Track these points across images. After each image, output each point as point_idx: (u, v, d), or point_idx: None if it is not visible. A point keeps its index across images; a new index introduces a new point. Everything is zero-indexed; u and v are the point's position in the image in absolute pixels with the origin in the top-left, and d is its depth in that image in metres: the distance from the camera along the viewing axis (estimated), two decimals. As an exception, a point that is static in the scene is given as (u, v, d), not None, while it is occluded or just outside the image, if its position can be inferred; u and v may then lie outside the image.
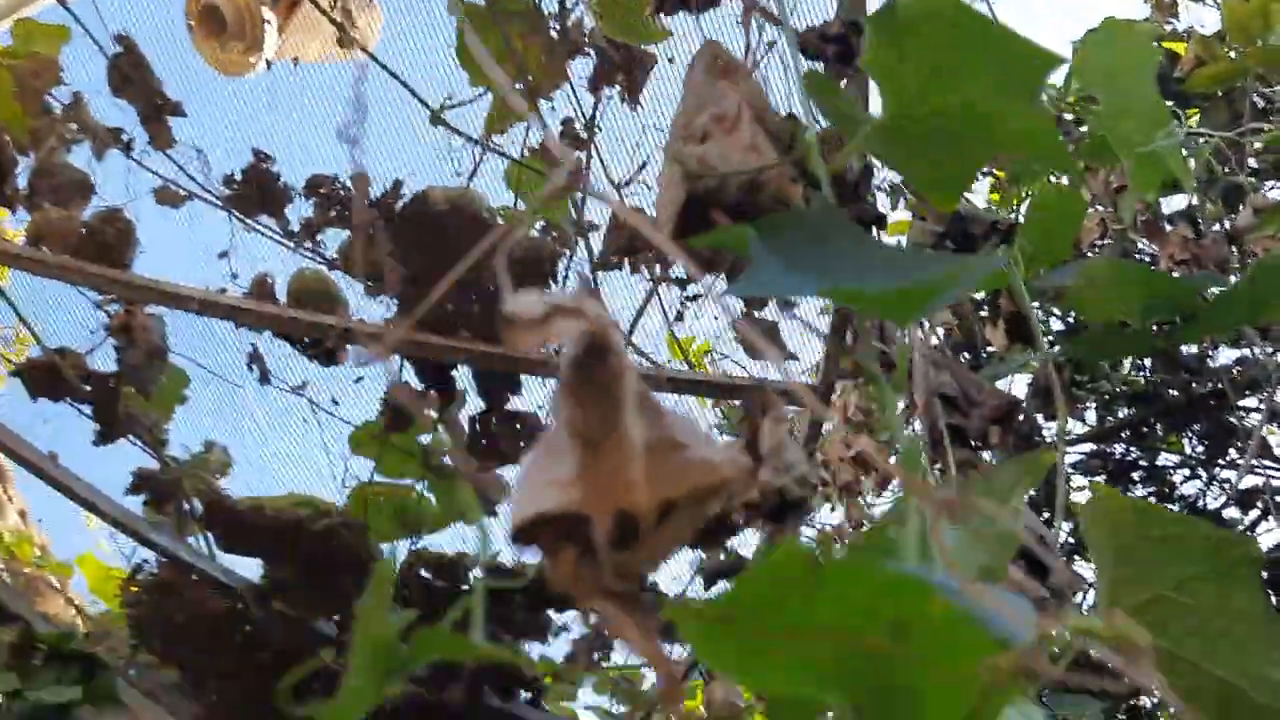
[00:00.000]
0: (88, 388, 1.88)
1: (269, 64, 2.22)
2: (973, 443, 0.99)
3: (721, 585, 2.03)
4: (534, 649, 2.33)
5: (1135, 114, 1.18)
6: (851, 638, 0.38)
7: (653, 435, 0.37)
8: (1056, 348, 2.34)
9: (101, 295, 1.81)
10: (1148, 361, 3.47)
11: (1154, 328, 1.55)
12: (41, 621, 2.34)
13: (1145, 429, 3.85)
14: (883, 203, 2.85)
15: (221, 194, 1.72)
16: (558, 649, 2.38)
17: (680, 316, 1.81)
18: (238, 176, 1.70)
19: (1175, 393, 3.56)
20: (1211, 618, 1.11)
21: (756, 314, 1.80)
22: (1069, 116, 2.37)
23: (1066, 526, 2.53)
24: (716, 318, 1.82)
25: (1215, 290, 1.51)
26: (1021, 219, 1.60)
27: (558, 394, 0.38)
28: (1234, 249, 2.19)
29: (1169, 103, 2.76)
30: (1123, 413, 3.80)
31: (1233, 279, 1.70)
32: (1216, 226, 2.26)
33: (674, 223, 0.71)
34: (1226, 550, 1.08)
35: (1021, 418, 3.69)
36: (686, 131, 0.76)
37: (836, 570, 0.37)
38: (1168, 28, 2.69)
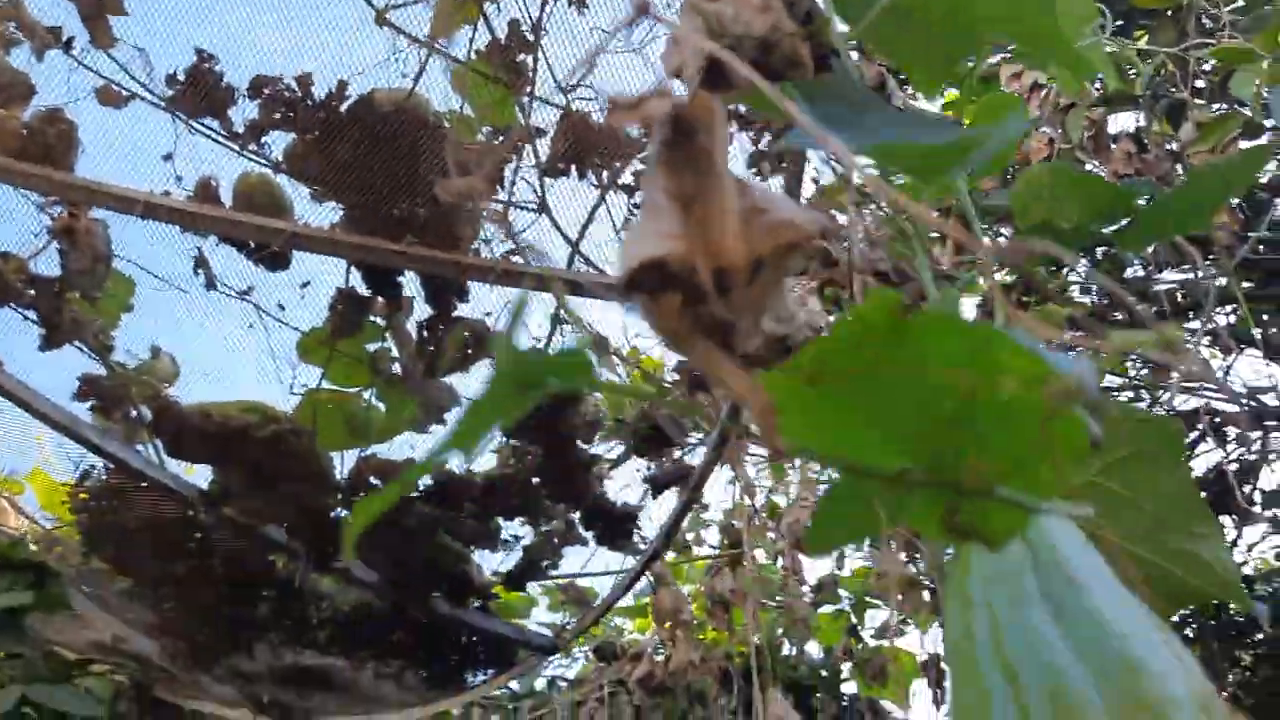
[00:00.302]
0: (31, 293, 1.86)
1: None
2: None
3: (666, 494, 2.07)
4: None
5: (1063, 11, 1.19)
6: (931, 390, 0.40)
7: (741, 201, 0.39)
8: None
9: (44, 198, 1.78)
10: (1094, 287, 3.52)
11: (1089, 233, 1.58)
12: (-9, 532, 2.35)
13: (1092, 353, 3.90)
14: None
15: (164, 94, 1.70)
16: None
17: (627, 224, 1.81)
18: (181, 76, 1.68)
19: (1119, 315, 3.62)
20: (1139, 499, 1.14)
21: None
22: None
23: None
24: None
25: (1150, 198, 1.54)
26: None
27: (652, 168, 0.40)
28: (1178, 164, 2.23)
29: (1119, 21, 2.79)
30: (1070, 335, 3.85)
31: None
32: (1163, 143, 2.29)
33: (701, 76, 0.72)
34: (1151, 430, 1.12)
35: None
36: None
37: (924, 319, 0.39)
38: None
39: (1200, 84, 2.36)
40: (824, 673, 4.32)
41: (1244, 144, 1.85)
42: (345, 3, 1.64)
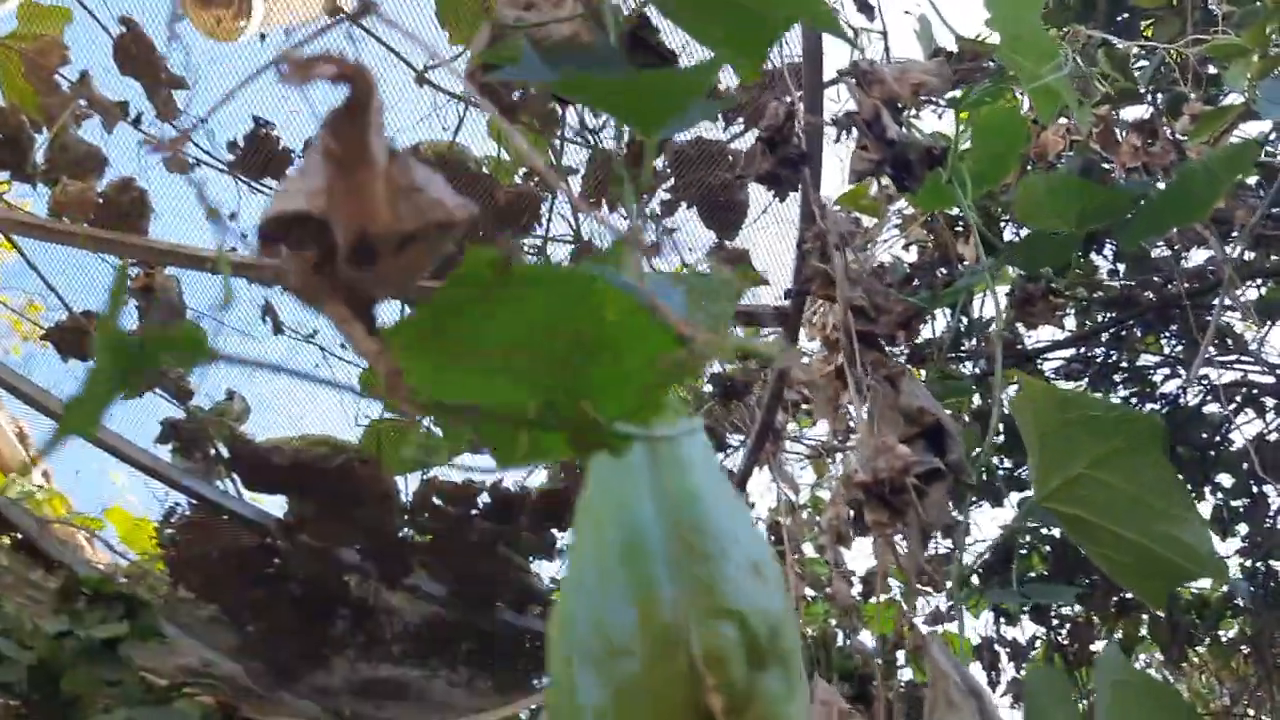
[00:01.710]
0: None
1: (263, 37, 2.32)
2: (881, 344, 1.12)
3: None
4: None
5: (1026, 47, 1.30)
6: (542, 334, 0.44)
7: (402, 178, 0.41)
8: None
9: (121, 260, 1.94)
10: (1121, 268, 3.58)
11: (1087, 233, 1.68)
12: (84, 567, 2.51)
13: (1124, 332, 3.96)
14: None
15: (227, 160, 1.84)
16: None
17: (656, 249, 1.93)
18: (241, 142, 1.82)
19: (1150, 295, 3.67)
20: (1125, 489, 1.25)
21: (728, 243, 1.91)
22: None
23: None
24: (691, 250, 1.95)
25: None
26: (968, 143, 1.72)
27: (319, 134, 0.41)
28: (1184, 155, 2.30)
29: (1125, 14, 2.86)
30: (1101, 318, 3.91)
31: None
32: (1169, 135, 2.37)
33: (483, 46, 0.83)
34: (1134, 425, 1.23)
35: (1005, 328, 3.82)
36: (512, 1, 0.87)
37: (523, 271, 0.42)
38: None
39: (1200, 77, 2.44)
40: (879, 660, 4.40)
41: (1234, 137, 1.93)
42: (390, 68, 1.77)
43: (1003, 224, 3.15)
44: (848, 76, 1.44)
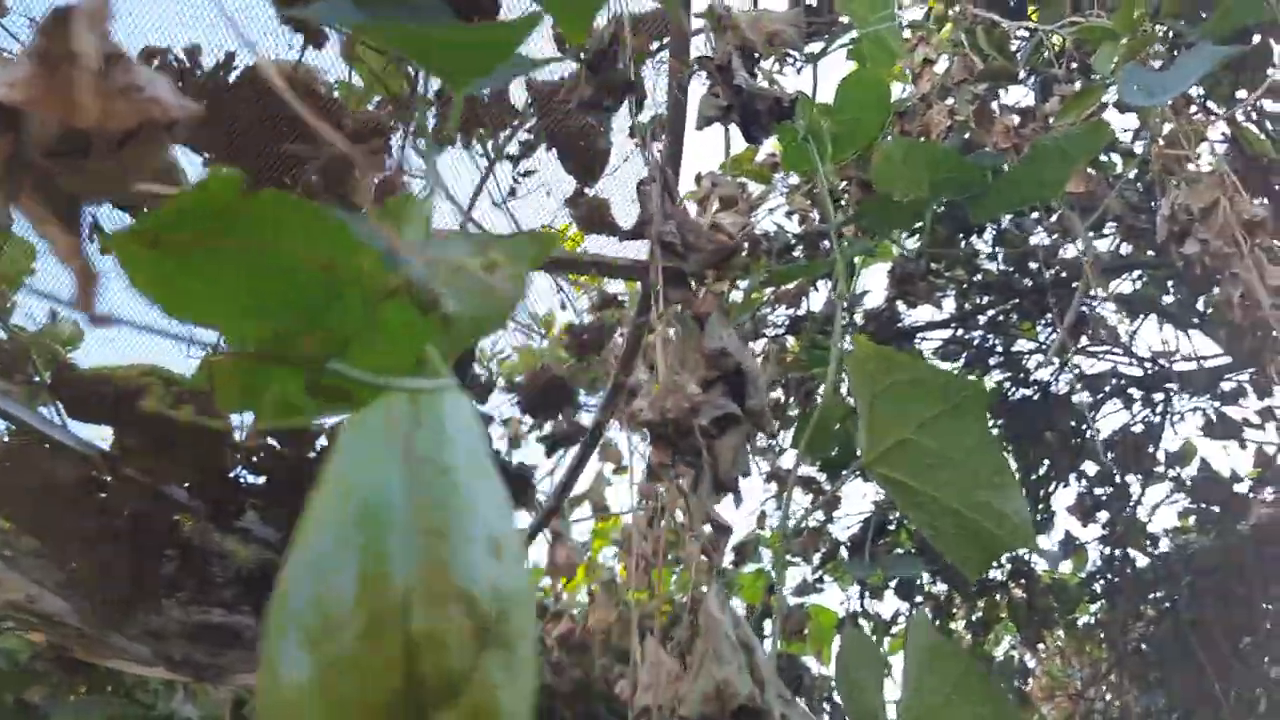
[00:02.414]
0: (-70, 258, 1.89)
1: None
2: (689, 282, 1.08)
3: (561, 452, 2.14)
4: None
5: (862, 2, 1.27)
6: (287, 269, 0.43)
7: (120, 78, 0.40)
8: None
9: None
10: (1000, 252, 3.63)
11: (939, 204, 1.67)
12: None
13: (1001, 317, 4.02)
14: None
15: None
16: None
17: (513, 193, 1.87)
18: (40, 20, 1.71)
19: (1027, 282, 3.73)
20: (948, 454, 1.24)
21: (589, 191, 1.86)
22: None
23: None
24: (549, 193, 1.89)
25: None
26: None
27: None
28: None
29: (1013, -2, 2.86)
30: (980, 301, 3.97)
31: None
32: (1042, 117, 2.37)
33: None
34: (958, 389, 1.21)
35: (884, 306, 3.84)
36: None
37: (270, 199, 0.41)
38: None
39: (1075, 60, 2.45)
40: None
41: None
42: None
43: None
44: (704, 21, 1.40)
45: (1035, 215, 3.40)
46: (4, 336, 1.98)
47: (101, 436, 2.13)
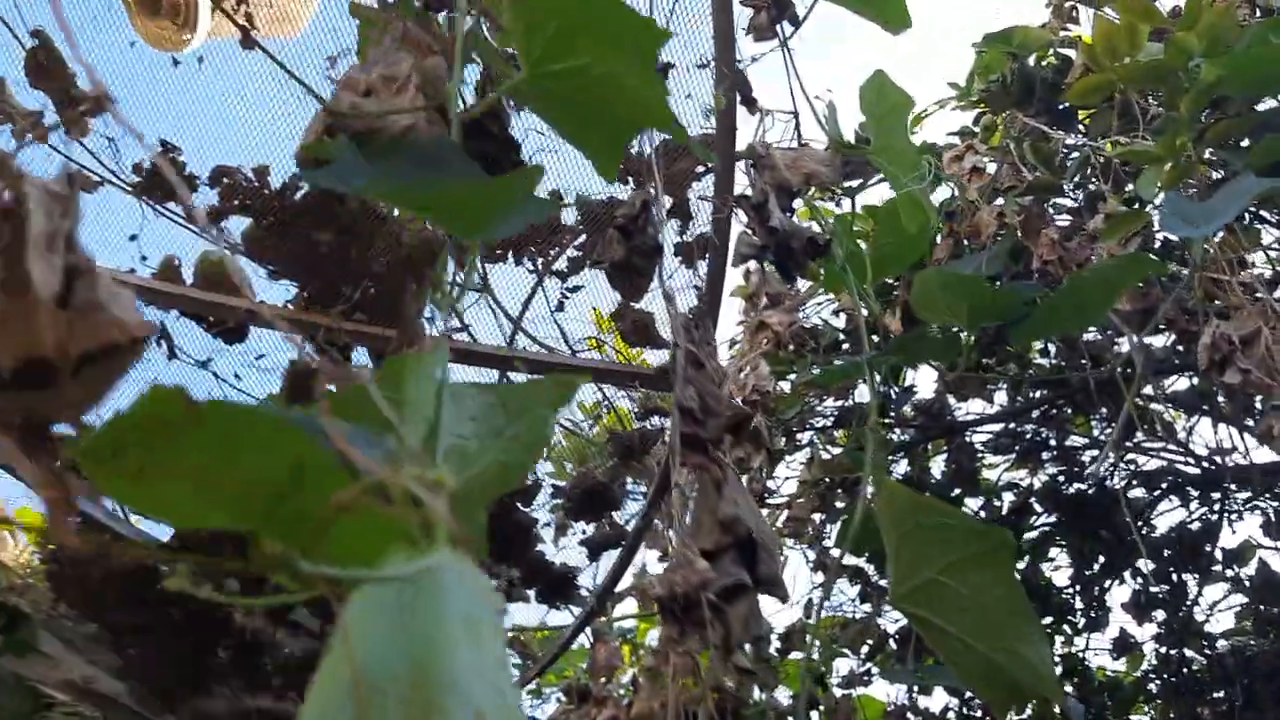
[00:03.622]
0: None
1: (200, 60, 2.30)
2: (707, 448, 1.12)
3: (605, 556, 2.17)
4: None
5: (894, 155, 1.31)
6: (247, 467, 0.45)
7: (82, 296, 0.41)
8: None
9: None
10: (1052, 348, 3.62)
11: (975, 334, 1.69)
12: (-29, 573, 2.46)
13: (1054, 411, 4.00)
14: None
15: (132, 181, 1.83)
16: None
17: (561, 306, 1.93)
18: (147, 165, 1.80)
19: (1080, 376, 3.71)
20: (975, 599, 1.25)
21: (635, 305, 1.91)
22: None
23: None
24: (594, 309, 1.94)
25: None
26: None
27: None
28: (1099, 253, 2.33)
29: (1062, 105, 2.89)
30: (1033, 395, 3.95)
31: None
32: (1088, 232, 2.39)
33: (314, 137, 0.82)
34: (985, 538, 1.23)
35: (934, 399, 3.84)
36: (351, 86, 0.86)
37: (220, 413, 0.43)
38: (1064, 33, 2.82)
39: (1120, 177, 2.47)
40: (791, 718, 4.40)
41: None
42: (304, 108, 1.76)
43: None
44: (744, 159, 1.45)
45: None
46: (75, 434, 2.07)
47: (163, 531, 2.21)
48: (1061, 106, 2.84)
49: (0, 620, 2.30)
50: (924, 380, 5.39)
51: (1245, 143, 1.97)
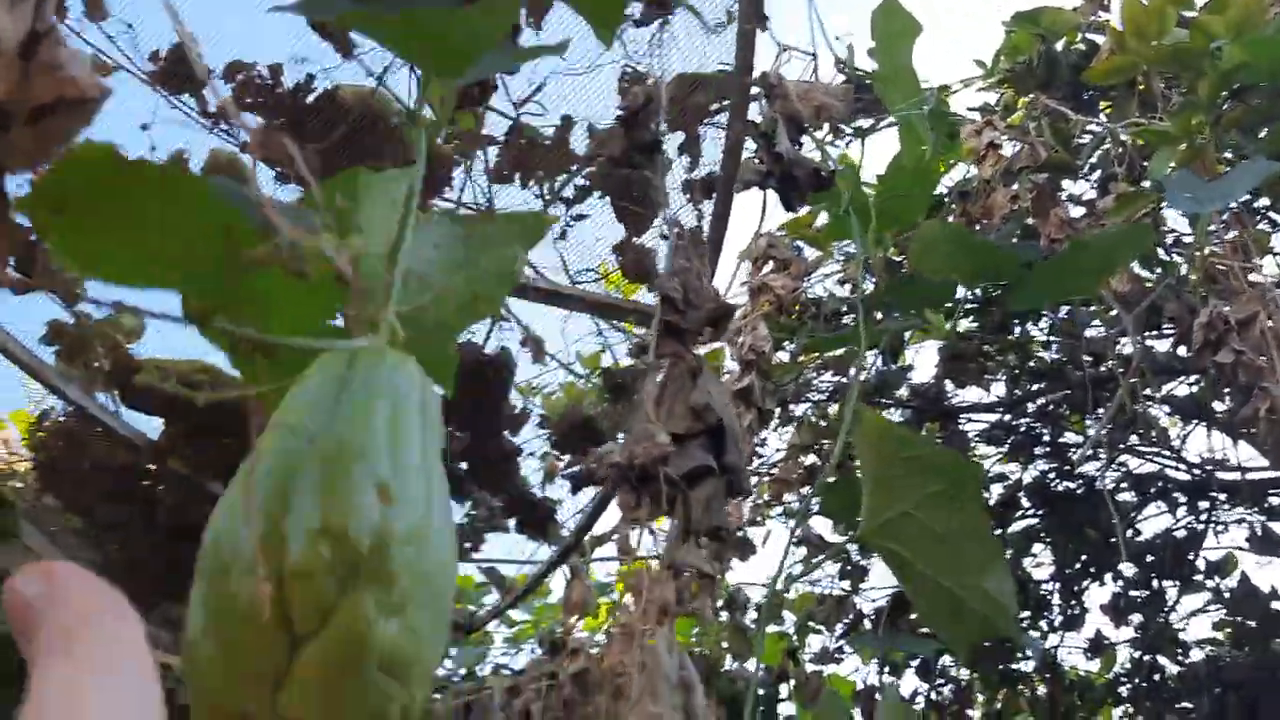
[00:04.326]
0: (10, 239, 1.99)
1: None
2: (685, 337, 1.12)
3: (587, 490, 2.18)
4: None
5: (897, 83, 1.31)
6: (174, 235, 0.47)
7: (43, 55, 0.43)
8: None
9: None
10: (1054, 343, 3.62)
11: (976, 289, 1.70)
12: (-43, 460, 2.48)
13: (1051, 407, 4.00)
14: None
15: (147, 69, 1.83)
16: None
17: (564, 234, 1.93)
18: (163, 54, 1.81)
19: (1080, 373, 3.71)
20: (944, 533, 1.26)
21: (636, 240, 1.92)
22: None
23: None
24: (599, 239, 1.95)
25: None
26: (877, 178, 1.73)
27: None
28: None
29: (1090, 91, 2.89)
30: (1030, 388, 3.95)
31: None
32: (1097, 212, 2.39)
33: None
34: (959, 472, 1.24)
35: (932, 382, 3.84)
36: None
37: (154, 171, 0.44)
38: (1094, 19, 2.81)
39: (1133, 160, 2.46)
40: (764, 691, 4.42)
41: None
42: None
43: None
44: (757, 85, 1.45)
45: (1092, 308, 3.39)
46: (71, 322, 2.08)
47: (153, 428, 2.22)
48: (1086, 95, 2.83)
49: (-16, 506, 2.31)
50: (923, 364, 5.38)
51: (1264, 133, 1.97)
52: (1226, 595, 3.95)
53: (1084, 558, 4.19)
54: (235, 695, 0.39)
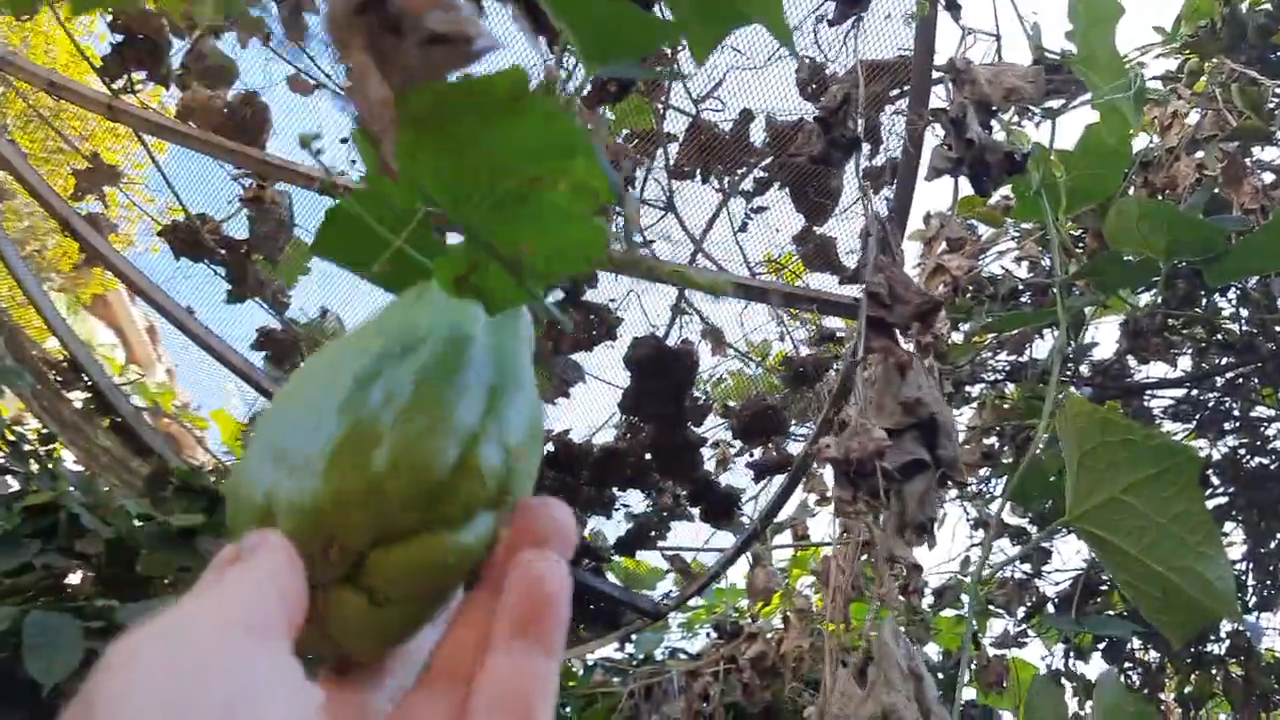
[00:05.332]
0: (223, 252, 2.13)
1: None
2: (894, 332, 1.13)
3: (770, 479, 2.20)
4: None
5: (1099, 65, 1.28)
6: (509, 164, 0.45)
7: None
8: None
9: (237, 170, 2.04)
10: (1244, 313, 3.47)
11: (1175, 265, 1.64)
12: (176, 459, 2.65)
13: (1241, 380, 3.83)
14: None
15: (346, 85, 1.92)
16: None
17: (744, 227, 1.95)
18: (359, 71, 1.89)
19: (1272, 345, 3.55)
20: (1155, 517, 1.24)
21: (816, 229, 1.93)
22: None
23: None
24: (778, 230, 1.96)
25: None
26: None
27: None
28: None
29: (1276, 54, 2.76)
30: (1219, 361, 3.79)
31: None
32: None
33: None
34: (1171, 455, 1.22)
35: (1114, 359, 3.73)
36: None
37: (535, 101, 0.43)
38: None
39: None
40: (941, 675, 4.37)
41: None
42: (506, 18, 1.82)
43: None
44: (944, 72, 1.45)
45: (1284, 277, 3.24)
46: (279, 328, 2.20)
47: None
48: (1276, 55, 2.71)
49: (204, 502, 2.47)
50: (1105, 340, 5.22)
51: None
52: None
53: (1279, 537, 4.01)
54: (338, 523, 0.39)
